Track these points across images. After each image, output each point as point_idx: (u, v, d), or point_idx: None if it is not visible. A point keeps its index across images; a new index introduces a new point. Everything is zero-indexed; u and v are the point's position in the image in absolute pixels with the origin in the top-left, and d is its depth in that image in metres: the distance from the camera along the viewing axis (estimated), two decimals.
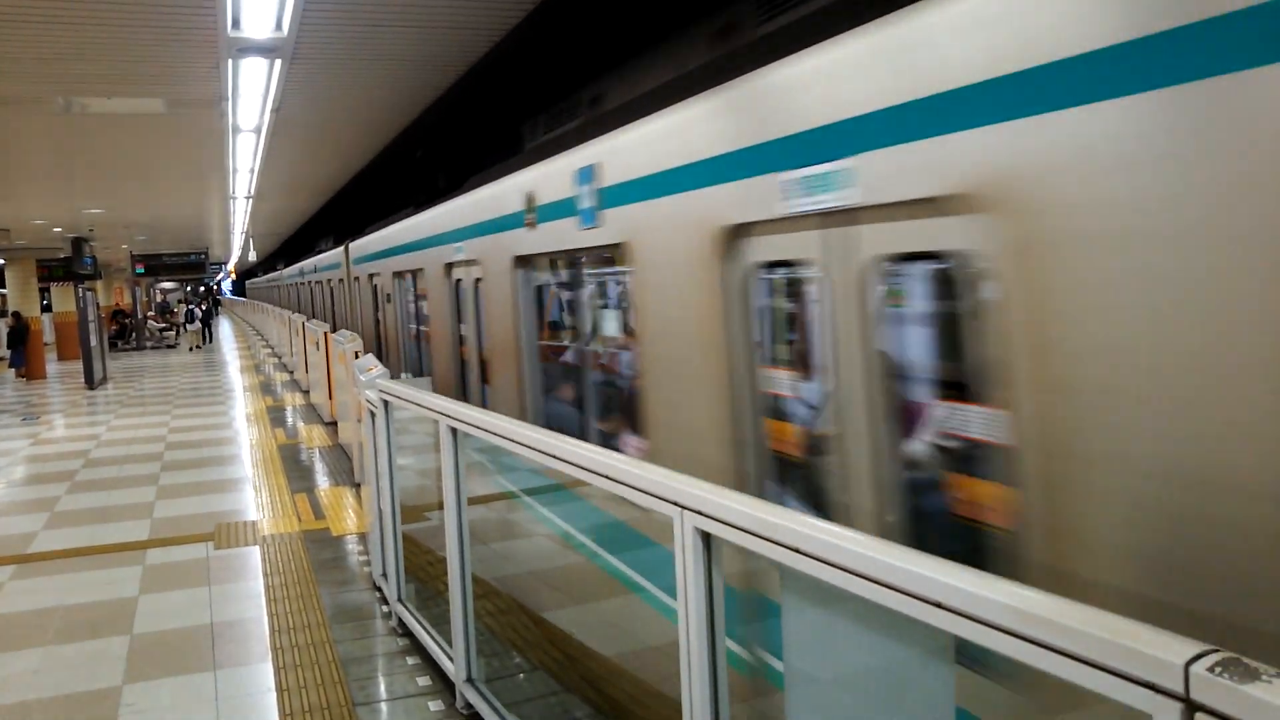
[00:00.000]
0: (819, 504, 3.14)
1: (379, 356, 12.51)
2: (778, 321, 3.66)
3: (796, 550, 1.92)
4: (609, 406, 5.63)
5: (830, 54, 2.92)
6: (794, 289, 3.52)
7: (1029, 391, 2.21)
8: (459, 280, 8.12)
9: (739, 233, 3.52)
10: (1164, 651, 1.24)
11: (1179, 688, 1.20)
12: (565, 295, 6.24)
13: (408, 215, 10.81)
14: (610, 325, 5.57)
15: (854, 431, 2.89)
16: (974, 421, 2.60)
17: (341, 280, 17.29)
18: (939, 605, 1.58)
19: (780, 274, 3.54)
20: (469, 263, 7.54)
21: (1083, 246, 2.05)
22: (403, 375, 10.98)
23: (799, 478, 3.39)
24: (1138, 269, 1.93)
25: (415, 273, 10.25)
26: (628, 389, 5.14)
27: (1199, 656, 1.20)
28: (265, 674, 5.00)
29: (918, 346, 2.91)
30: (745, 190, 3.42)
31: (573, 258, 5.58)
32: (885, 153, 2.62)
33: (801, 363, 3.44)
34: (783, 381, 3.56)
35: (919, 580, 1.62)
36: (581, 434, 5.56)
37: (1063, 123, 2.07)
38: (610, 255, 5.06)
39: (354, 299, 15.88)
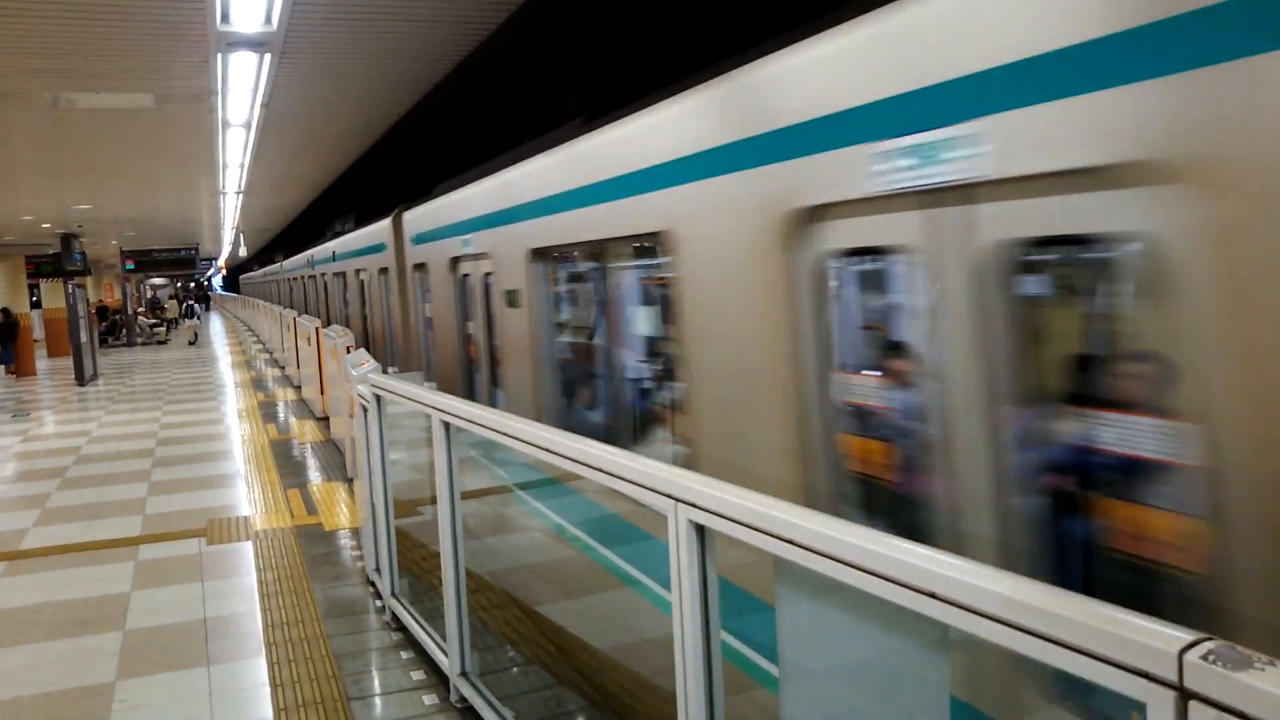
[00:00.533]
0: None
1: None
2: None
3: (790, 542, 1.93)
4: None
5: None
6: None
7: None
8: (886, 263, 3.20)
9: None
10: (1158, 640, 1.24)
11: (1173, 676, 1.20)
12: None
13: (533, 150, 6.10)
14: None
15: None
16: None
17: (384, 270, 11.64)
18: (932, 595, 1.59)
19: None
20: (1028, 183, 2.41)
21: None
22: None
23: None
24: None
25: (605, 250, 5.25)
26: None
27: (1192, 645, 1.20)
28: (259, 669, 4.99)
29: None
30: None
31: None
32: None
33: None
34: None
35: (912, 570, 1.63)
36: None
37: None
38: None
39: (409, 299, 10.68)
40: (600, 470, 2.78)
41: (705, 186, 3.86)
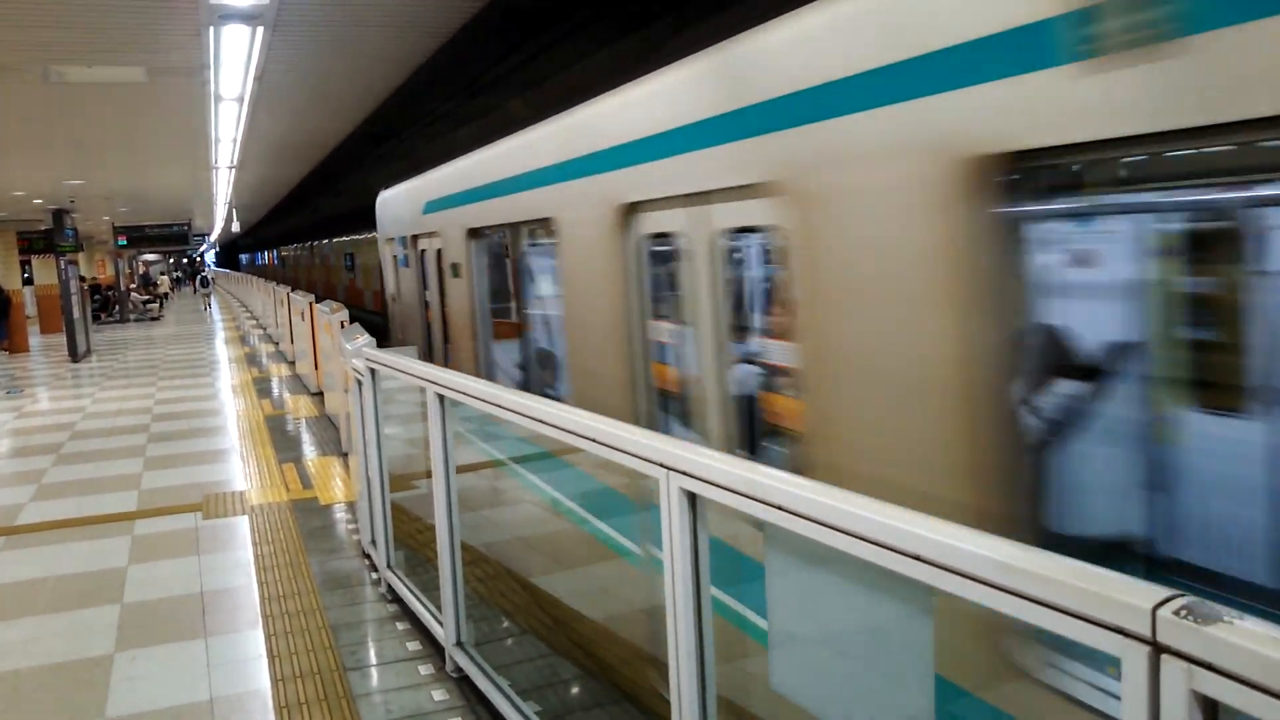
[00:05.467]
0: None
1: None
2: None
3: (780, 508, 1.96)
4: None
5: None
6: None
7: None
8: None
9: None
10: (1133, 597, 1.28)
11: (1146, 631, 1.24)
12: None
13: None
14: None
15: None
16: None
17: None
18: (917, 558, 1.63)
19: None
20: None
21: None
22: None
23: None
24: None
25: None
26: None
27: (1165, 601, 1.24)
28: (256, 641, 5.04)
29: None
30: None
31: None
32: None
33: None
34: None
35: (898, 534, 1.67)
36: None
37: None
38: None
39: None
40: (593, 440, 2.81)
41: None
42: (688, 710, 2.37)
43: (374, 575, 5.86)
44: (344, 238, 33.87)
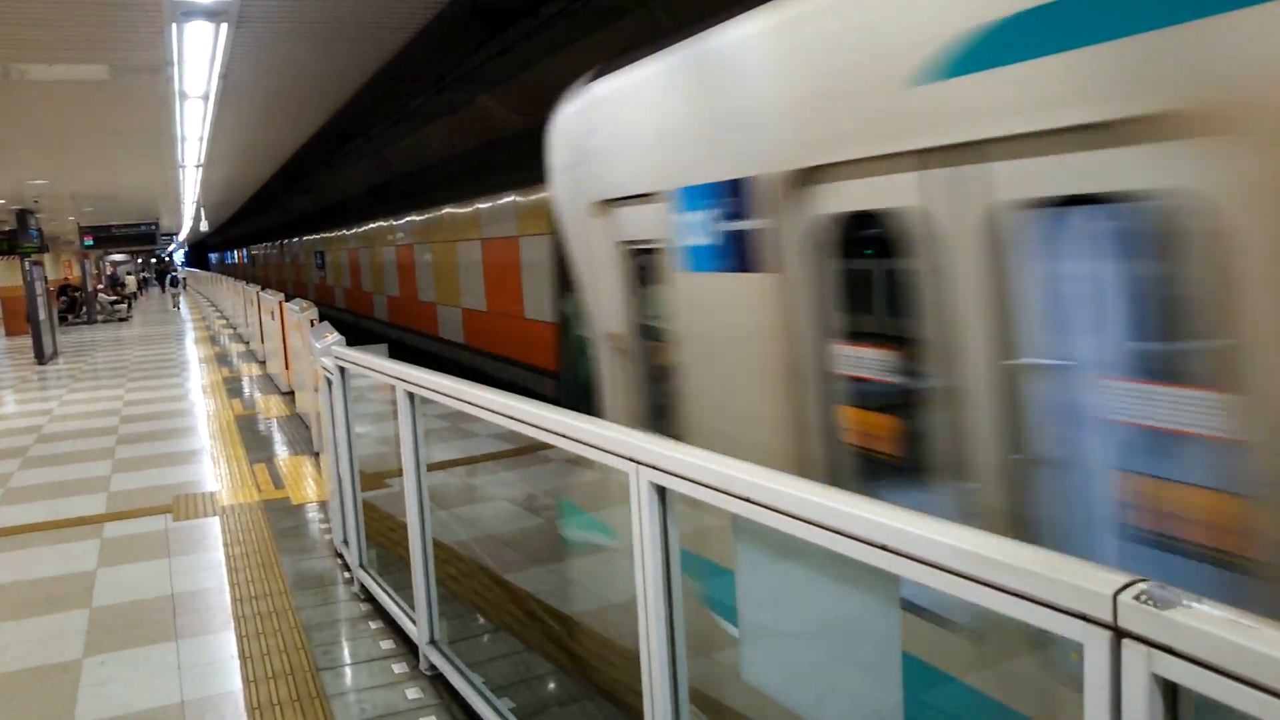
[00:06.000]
0: None
1: None
2: None
3: (748, 500, 1.97)
4: None
5: None
6: None
7: None
8: None
9: None
10: (1094, 583, 1.29)
11: (1108, 616, 1.25)
12: None
13: None
14: None
15: None
16: None
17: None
18: (884, 548, 1.63)
19: None
20: None
21: None
22: None
23: None
24: None
25: None
26: None
27: (1126, 586, 1.25)
28: (228, 642, 5.00)
29: None
30: None
31: None
32: None
33: None
34: None
35: (865, 524, 1.68)
36: None
37: None
38: None
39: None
40: (563, 435, 2.81)
41: None
42: (659, 702, 2.38)
43: (346, 575, 5.82)
44: (314, 235, 33.69)
